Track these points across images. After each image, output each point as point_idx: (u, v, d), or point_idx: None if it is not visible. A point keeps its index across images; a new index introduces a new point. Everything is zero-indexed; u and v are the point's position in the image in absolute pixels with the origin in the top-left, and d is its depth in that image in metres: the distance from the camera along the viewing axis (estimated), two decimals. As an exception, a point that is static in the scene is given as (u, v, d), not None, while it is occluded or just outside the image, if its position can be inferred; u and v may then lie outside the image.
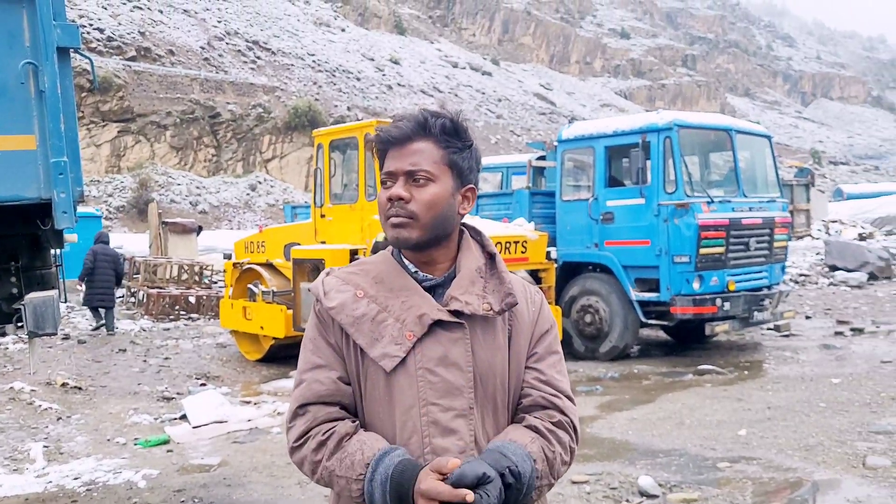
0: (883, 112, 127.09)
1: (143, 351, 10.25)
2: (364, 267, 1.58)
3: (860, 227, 24.33)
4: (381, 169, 1.55)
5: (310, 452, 1.46)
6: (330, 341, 1.52)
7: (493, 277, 1.56)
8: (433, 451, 1.42)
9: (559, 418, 1.53)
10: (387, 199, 1.49)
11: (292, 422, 1.52)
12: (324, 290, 1.54)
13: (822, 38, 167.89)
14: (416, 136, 1.50)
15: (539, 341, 1.59)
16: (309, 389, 1.50)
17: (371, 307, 1.48)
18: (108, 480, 5.18)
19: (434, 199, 1.49)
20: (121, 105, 39.34)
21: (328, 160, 9.37)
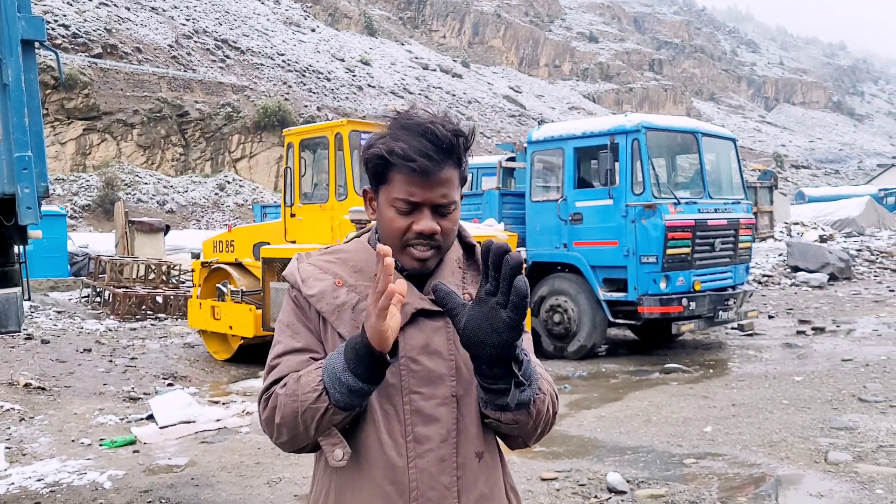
0: (843, 117, 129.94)
1: (108, 351, 10.10)
2: (341, 256, 1.54)
3: (821, 229, 24.84)
4: (383, 182, 1.45)
5: (279, 388, 1.42)
6: (309, 326, 1.49)
7: (472, 268, 1.55)
8: (416, 440, 1.41)
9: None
10: (414, 232, 1.42)
11: (264, 394, 1.46)
12: (301, 276, 1.51)
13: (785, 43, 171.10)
14: (442, 164, 1.41)
15: None
16: (287, 367, 1.45)
17: (351, 296, 1.46)
18: (72, 481, 5.10)
19: (456, 224, 1.48)
20: (86, 102, 38.71)
21: (298, 160, 9.34)
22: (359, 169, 9.09)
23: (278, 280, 8.53)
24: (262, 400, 1.46)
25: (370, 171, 1.47)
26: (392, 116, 1.46)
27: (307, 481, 4.97)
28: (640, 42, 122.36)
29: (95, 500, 4.73)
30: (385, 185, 1.44)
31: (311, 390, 1.35)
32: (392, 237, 1.44)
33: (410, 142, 1.39)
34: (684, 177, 10.24)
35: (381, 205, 1.47)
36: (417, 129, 1.40)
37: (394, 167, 1.41)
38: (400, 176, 1.41)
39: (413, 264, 1.44)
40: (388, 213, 1.44)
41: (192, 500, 4.70)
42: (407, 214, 1.42)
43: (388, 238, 1.45)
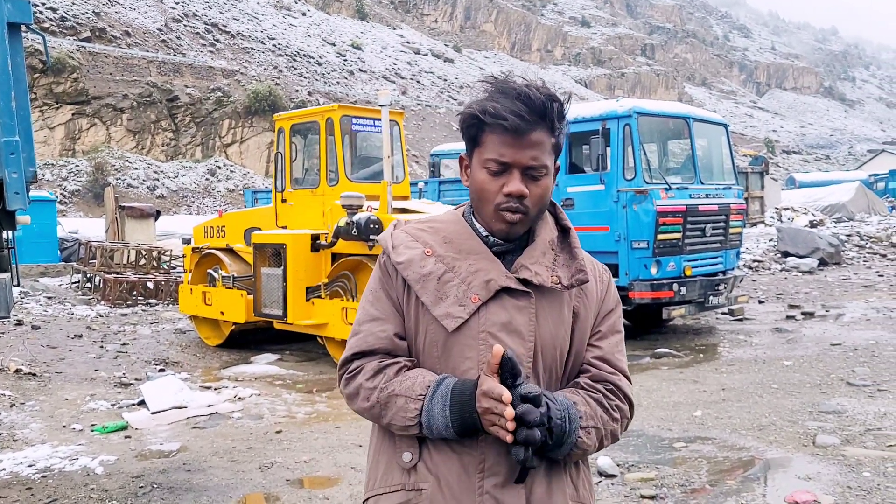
0: (834, 102, 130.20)
1: (99, 337, 10.07)
2: (434, 225, 1.54)
3: (811, 214, 24.95)
4: (476, 144, 1.47)
5: (365, 380, 1.47)
6: (391, 295, 1.51)
7: (565, 252, 1.53)
8: (488, 471, 1.43)
9: (613, 389, 1.52)
10: (502, 193, 1.42)
11: (344, 367, 1.52)
12: (392, 243, 1.52)
13: (777, 28, 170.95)
14: (535, 126, 1.42)
15: (604, 320, 1.57)
16: (364, 341, 1.50)
17: (438, 266, 1.46)
18: (64, 467, 5.09)
19: (547, 192, 1.47)
20: (75, 87, 38.39)
21: (289, 145, 9.29)
22: (349, 154, 9.06)
23: (269, 265, 8.51)
24: (346, 374, 1.51)
25: (465, 134, 1.49)
26: (489, 81, 1.47)
27: (299, 466, 4.98)
28: (633, 27, 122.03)
29: (87, 486, 4.73)
30: (478, 148, 1.46)
31: (405, 419, 1.42)
32: (482, 199, 1.46)
33: (504, 102, 1.40)
34: (675, 162, 10.25)
35: (473, 168, 1.48)
36: (512, 93, 1.41)
37: (486, 127, 1.42)
38: (492, 136, 1.42)
39: (501, 227, 1.45)
40: (479, 175, 1.45)
41: (184, 486, 4.70)
42: (497, 176, 1.43)
43: (479, 201, 1.47)
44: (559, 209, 1.59)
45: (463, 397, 1.36)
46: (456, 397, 1.37)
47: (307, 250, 8.29)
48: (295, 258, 8.21)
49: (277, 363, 8.60)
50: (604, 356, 1.54)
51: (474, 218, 1.52)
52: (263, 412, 6.46)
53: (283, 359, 8.85)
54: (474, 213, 1.52)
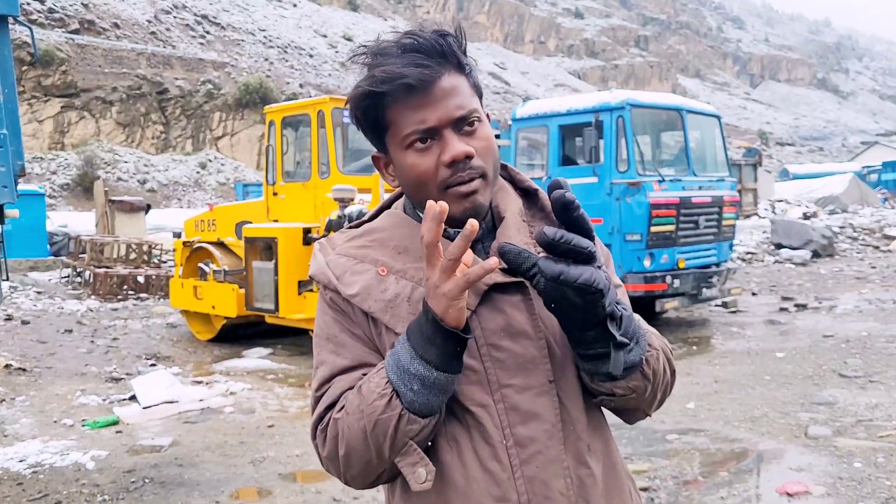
0: (827, 94, 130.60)
1: (90, 331, 10.02)
2: (375, 237, 1.23)
3: (805, 206, 25.03)
4: (384, 129, 1.18)
5: (335, 414, 1.15)
6: (356, 333, 1.20)
7: (538, 219, 1.25)
8: (517, 443, 1.13)
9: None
10: (447, 162, 1.12)
11: (316, 427, 1.19)
12: (333, 273, 1.20)
13: (770, 20, 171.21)
14: (441, 70, 1.13)
15: None
16: (338, 391, 1.17)
17: (402, 284, 1.17)
18: (54, 462, 5.06)
19: (491, 141, 1.17)
20: (64, 79, 38.15)
21: (280, 137, 9.24)
22: (341, 147, 9.01)
23: (261, 259, 8.47)
24: (318, 434, 1.18)
25: (367, 126, 1.20)
26: (360, 53, 1.17)
27: (291, 460, 4.97)
28: (626, 18, 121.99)
29: (78, 481, 4.70)
30: (389, 132, 1.17)
31: (377, 396, 1.08)
32: (422, 187, 1.15)
33: (392, 62, 1.12)
34: (669, 154, 10.24)
35: (396, 159, 1.19)
36: (394, 49, 1.14)
37: (387, 100, 1.13)
38: (398, 107, 1.14)
39: (463, 206, 1.14)
40: (407, 160, 1.16)
41: (176, 480, 4.68)
42: (427, 149, 1.14)
43: (419, 190, 1.16)
44: (513, 170, 1.31)
45: (420, 317, 1.06)
46: (412, 324, 1.08)
47: (299, 244, 8.25)
48: (286, 252, 8.17)
49: (269, 357, 8.58)
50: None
51: (420, 212, 1.20)
52: (255, 406, 6.44)
53: (275, 353, 8.83)
54: (416, 204, 1.22)
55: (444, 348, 1.05)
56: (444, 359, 1.05)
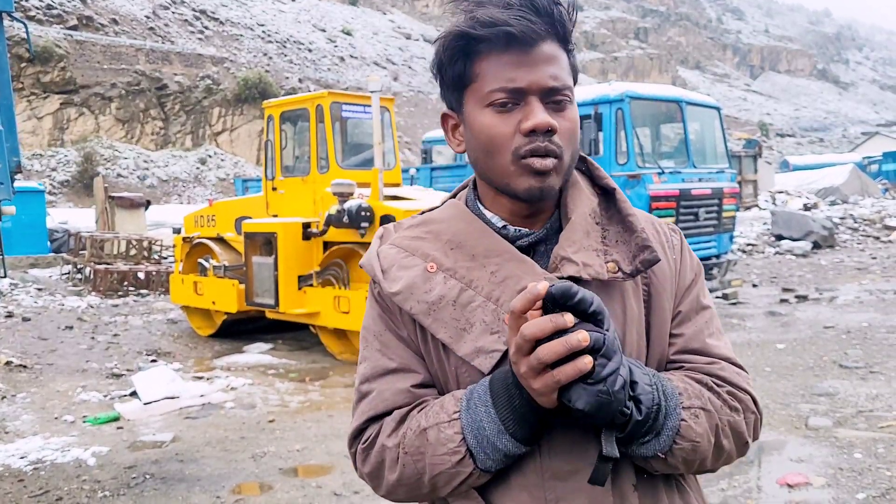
0: (828, 85, 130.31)
1: (90, 328, 10.03)
2: (432, 227, 1.13)
3: (805, 197, 24.99)
4: (467, 82, 1.06)
5: (385, 438, 1.07)
6: (401, 335, 1.11)
7: (615, 222, 1.11)
8: (555, 477, 1.04)
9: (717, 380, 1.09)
10: (527, 130, 1.01)
11: (356, 440, 1.13)
12: (381, 266, 1.12)
13: (770, 10, 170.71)
14: (546, 35, 1.03)
15: (683, 297, 1.15)
16: (380, 400, 1.10)
17: (450, 285, 1.06)
18: (55, 459, 5.07)
19: (576, 128, 1.07)
20: (62, 76, 38.09)
21: (279, 132, 9.22)
22: (340, 141, 8.99)
23: (261, 254, 8.47)
24: (359, 452, 1.11)
25: (448, 75, 1.08)
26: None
27: (292, 455, 4.97)
28: (626, 10, 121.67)
29: (79, 477, 4.71)
30: (472, 86, 1.06)
31: (448, 452, 1.01)
32: (494, 151, 1.04)
33: (498, 10, 1.01)
34: (669, 146, 10.23)
35: (470, 118, 1.07)
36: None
37: (481, 48, 1.03)
38: (491, 59, 1.03)
39: (529, 183, 1.03)
40: (483, 120, 1.05)
41: (177, 476, 4.69)
42: (509, 111, 1.03)
43: (490, 156, 1.05)
44: (593, 165, 1.18)
45: (507, 381, 0.97)
46: (499, 387, 0.99)
47: (298, 239, 8.24)
48: (286, 247, 8.17)
49: (270, 352, 8.58)
50: (689, 345, 1.12)
51: (481, 205, 1.13)
52: (256, 402, 6.44)
53: (276, 348, 8.83)
54: (479, 196, 1.14)
55: (538, 426, 0.98)
56: (536, 435, 1.00)
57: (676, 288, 1.15)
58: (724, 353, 1.12)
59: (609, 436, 0.95)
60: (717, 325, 1.16)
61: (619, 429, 0.96)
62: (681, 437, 1.01)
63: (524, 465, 1.04)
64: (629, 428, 0.96)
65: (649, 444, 1.00)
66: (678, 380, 1.06)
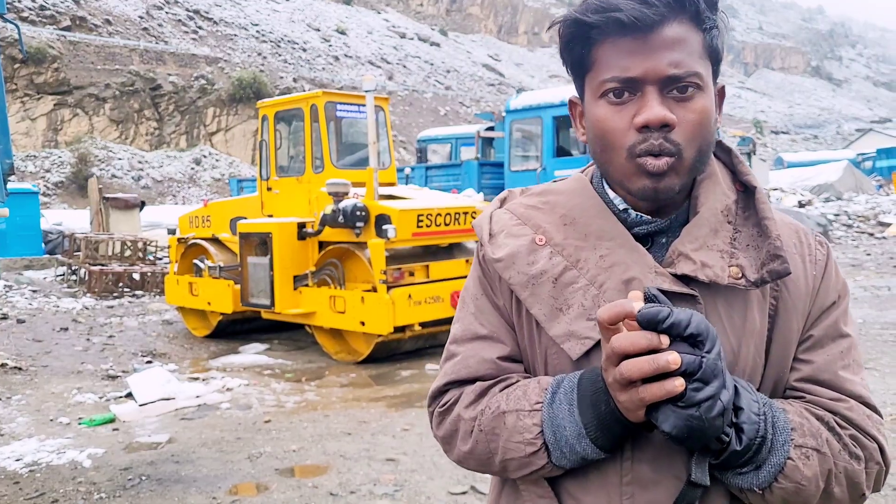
0: (822, 82, 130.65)
1: (85, 329, 10.00)
2: (549, 198, 1.09)
3: (800, 194, 25.05)
4: (587, 69, 1.01)
5: (463, 408, 1.05)
6: (497, 303, 1.08)
7: (750, 224, 1.02)
8: (636, 482, 0.98)
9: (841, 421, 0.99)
10: (639, 125, 0.95)
11: (435, 400, 1.12)
12: (490, 229, 1.09)
13: (763, 8, 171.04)
14: (670, 16, 0.94)
15: (819, 319, 1.03)
16: (464, 365, 1.08)
17: (555, 261, 1.02)
18: (51, 461, 5.05)
19: (704, 119, 0.97)
20: (56, 77, 37.98)
21: (273, 132, 9.21)
22: (335, 141, 8.99)
23: (256, 255, 8.46)
24: (437, 409, 1.11)
25: (569, 61, 1.03)
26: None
27: (288, 455, 4.97)
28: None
29: (75, 479, 4.70)
30: (590, 74, 1.01)
31: (523, 441, 0.99)
32: (607, 147, 0.99)
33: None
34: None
35: (588, 108, 1.02)
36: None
37: (595, 34, 0.97)
38: (606, 47, 0.97)
39: (643, 184, 0.96)
40: (597, 112, 0.99)
41: (173, 477, 4.68)
42: (623, 103, 0.96)
43: (603, 151, 1.00)
44: (737, 157, 1.08)
45: (597, 385, 0.93)
46: (586, 388, 0.94)
47: (294, 239, 8.24)
48: (281, 247, 8.16)
49: (266, 353, 8.57)
50: (817, 376, 1.01)
51: (606, 184, 1.07)
52: (252, 402, 6.43)
53: (272, 348, 8.82)
54: (604, 177, 1.06)
55: (620, 435, 0.94)
56: (616, 443, 0.96)
57: (812, 308, 1.03)
58: (856, 390, 1.01)
59: (701, 461, 0.90)
60: (854, 357, 1.04)
61: (713, 455, 0.91)
62: (784, 476, 0.93)
63: (605, 464, 0.99)
64: (725, 456, 0.90)
65: (746, 476, 0.93)
66: (795, 413, 0.97)
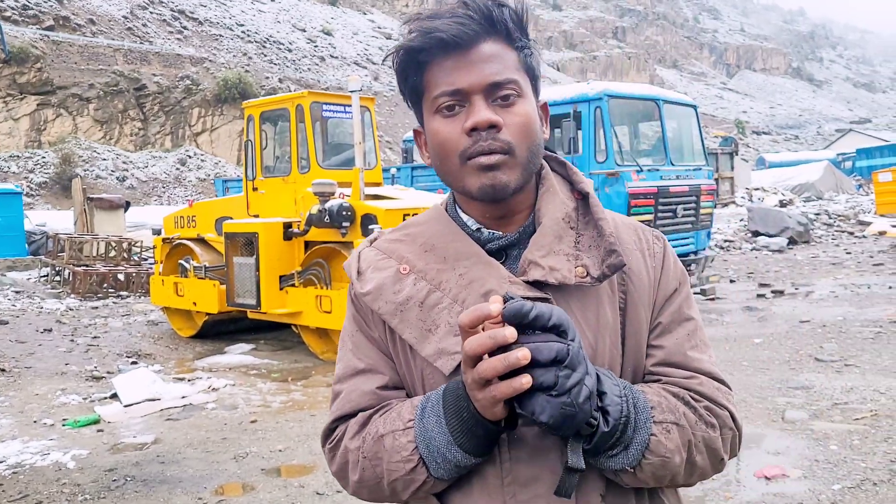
0: (802, 83, 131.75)
1: (70, 330, 9.94)
2: (411, 231, 1.15)
3: (781, 194, 25.29)
4: (421, 93, 1.08)
5: (349, 440, 1.09)
6: (373, 336, 1.13)
7: (590, 227, 1.09)
8: (516, 482, 1.02)
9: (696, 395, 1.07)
10: (469, 129, 1.02)
11: (326, 439, 1.15)
12: (358, 267, 1.14)
13: (745, 10, 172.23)
14: (484, 35, 1.03)
15: (664, 307, 1.13)
16: (347, 401, 1.12)
17: (419, 286, 1.08)
18: (35, 462, 5.03)
19: (528, 120, 1.05)
20: (39, 77, 37.62)
21: (259, 132, 9.20)
22: (320, 141, 8.99)
23: (242, 255, 8.45)
24: (328, 449, 1.14)
25: (406, 91, 1.11)
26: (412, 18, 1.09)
27: (274, 455, 4.97)
28: (604, 10, 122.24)
29: (59, 481, 4.68)
30: (424, 97, 1.08)
31: (402, 460, 1.03)
32: (445, 156, 1.05)
33: (432, 18, 1.05)
34: (647, 144, 10.32)
35: (426, 127, 1.10)
36: (445, 9, 1.06)
37: (423, 57, 1.05)
38: (434, 68, 1.05)
39: (481, 181, 1.03)
40: (433, 126, 1.07)
41: (158, 478, 4.67)
42: (454, 115, 1.04)
43: (443, 161, 1.07)
44: (572, 169, 1.16)
45: (458, 392, 0.97)
46: (450, 398, 0.99)
47: (279, 239, 8.23)
48: (267, 247, 8.15)
49: (252, 353, 8.56)
50: (669, 358, 1.10)
51: (459, 208, 1.14)
52: (238, 402, 6.43)
53: (258, 348, 8.81)
54: (457, 200, 1.14)
55: (486, 439, 0.98)
56: (484, 447, 0.99)
57: (656, 297, 1.12)
58: (705, 367, 1.10)
59: (575, 447, 0.94)
60: (700, 337, 1.13)
61: (585, 440, 0.95)
62: (650, 452, 0.99)
63: (485, 469, 1.04)
64: (596, 439, 0.95)
65: (617, 458, 0.98)
66: (653, 393, 1.04)
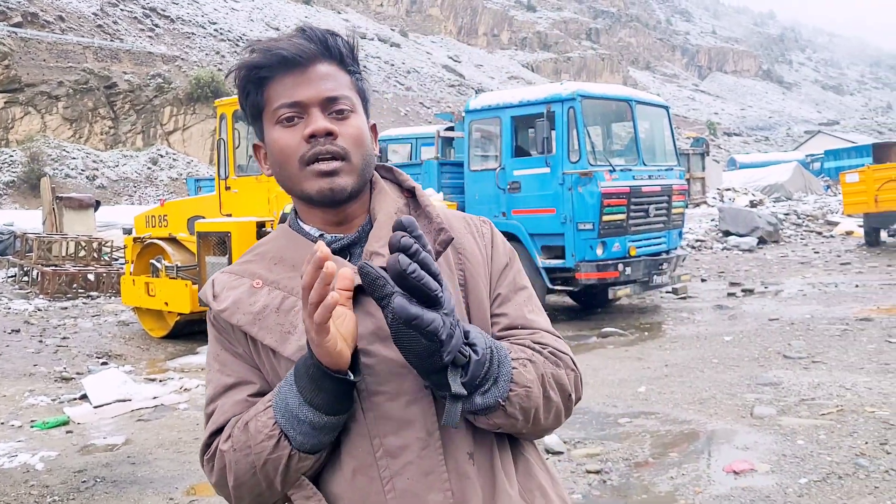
0: (772, 85, 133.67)
1: (38, 331, 9.79)
2: (259, 250, 1.23)
3: (751, 194, 25.61)
4: (261, 107, 1.17)
5: (222, 444, 1.12)
6: (237, 351, 1.18)
7: (420, 217, 1.20)
8: (388, 453, 1.08)
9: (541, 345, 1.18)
10: (307, 136, 1.11)
11: (203, 455, 1.17)
12: (213, 292, 1.19)
13: (717, 13, 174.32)
14: (321, 57, 1.15)
15: (500, 280, 1.24)
16: (220, 413, 1.15)
17: (273, 295, 1.14)
18: (2, 464, 4.96)
19: (361, 132, 1.16)
20: (7, 74, 36.99)
21: (232, 131, 9.14)
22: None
23: (214, 254, 8.38)
24: (205, 462, 1.16)
25: (248, 108, 1.19)
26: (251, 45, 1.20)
27: (247, 455, 4.94)
28: (578, 11, 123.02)
29: (27, 482, 4.61)
30: (265, 111, 1.17)
31: (265, 437, 1.06)
32: (285, 162, 1.14)
33: (275, 42, 1.16)
34: (619, 144, 10.40)
35: (266, 138, 1.18)
36: (283, 36, 1.18)
37: (263, 73, 1.14)
38: (275, 83, 1.15)
39: (319, 185, 1.12)
40: (273, 135, 1.16)
41: (129, 478, 4.63)
42: (294, 126, 1.13)
43: (283, 168, 1.15)
44: (398, 171, 1.28)
45: (305, 357, 1.03)
46: (300, 364, 1.04)
47: (253, 238, 8.18)
48: (240, 246, 8.09)
49: (225, 353, 8.48)
50: (513, 323, 1.21)
51: (300, 221, 1.22)
52: (210, 402, 6.37)
53: (231, 348, 8.73)
54: (298, 214, 1.23)
55: (333, 393, 1.02)
56: (334, 403, 1.03)
57: (491, 271, 1.23)
58: (542, 325, 1.22)
59: (454, 375, 1.00)
60: (535, 303, 1.26)
61: (462, 372, 1.01)
62: (515, 383, 1.07)
63: (354, 447, 1.09)
64: (471, 368, 1.02)
65: (490, 393, 1.05)
66: (505, 343, 1.14)
